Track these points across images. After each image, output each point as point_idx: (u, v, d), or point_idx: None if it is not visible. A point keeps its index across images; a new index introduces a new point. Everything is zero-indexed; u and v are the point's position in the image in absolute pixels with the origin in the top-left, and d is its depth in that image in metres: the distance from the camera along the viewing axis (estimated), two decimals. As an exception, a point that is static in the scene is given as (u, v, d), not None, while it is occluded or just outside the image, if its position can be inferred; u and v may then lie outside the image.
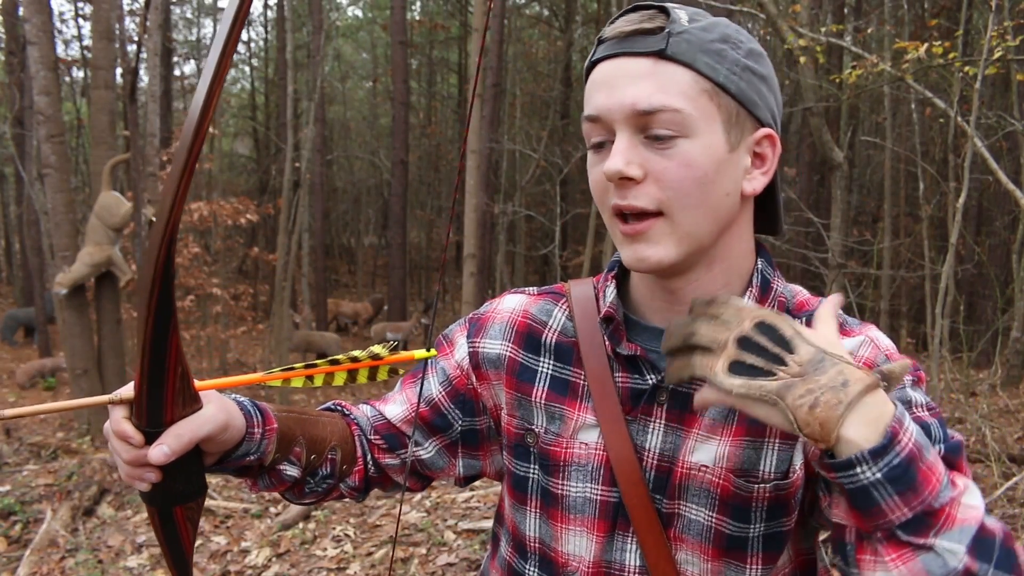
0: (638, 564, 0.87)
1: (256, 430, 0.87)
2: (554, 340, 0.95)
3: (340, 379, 0.88)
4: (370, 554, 3.94)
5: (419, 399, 1.00)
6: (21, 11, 8.70)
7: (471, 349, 0.99)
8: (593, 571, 0.90)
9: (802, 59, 5.50)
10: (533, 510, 0.94)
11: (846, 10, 11.62)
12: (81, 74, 17.75)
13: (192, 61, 21.59)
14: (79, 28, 19.86)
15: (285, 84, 13.41)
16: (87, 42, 16.87)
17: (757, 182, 0.86)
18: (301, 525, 4.37)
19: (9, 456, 6.72)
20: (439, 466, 1.03)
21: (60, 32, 17.72)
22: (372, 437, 1.02)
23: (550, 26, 18.12)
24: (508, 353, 0.96)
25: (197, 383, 0.79)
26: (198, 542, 4.26)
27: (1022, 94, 6.03)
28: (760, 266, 0.90)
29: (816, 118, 5.77)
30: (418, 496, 4.75)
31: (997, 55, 4.29)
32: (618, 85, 0.80)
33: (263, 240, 20.11)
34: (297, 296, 14.21)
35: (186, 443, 0.76)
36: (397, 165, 14.01)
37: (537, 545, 0.95)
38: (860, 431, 0.64)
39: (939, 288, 3.97)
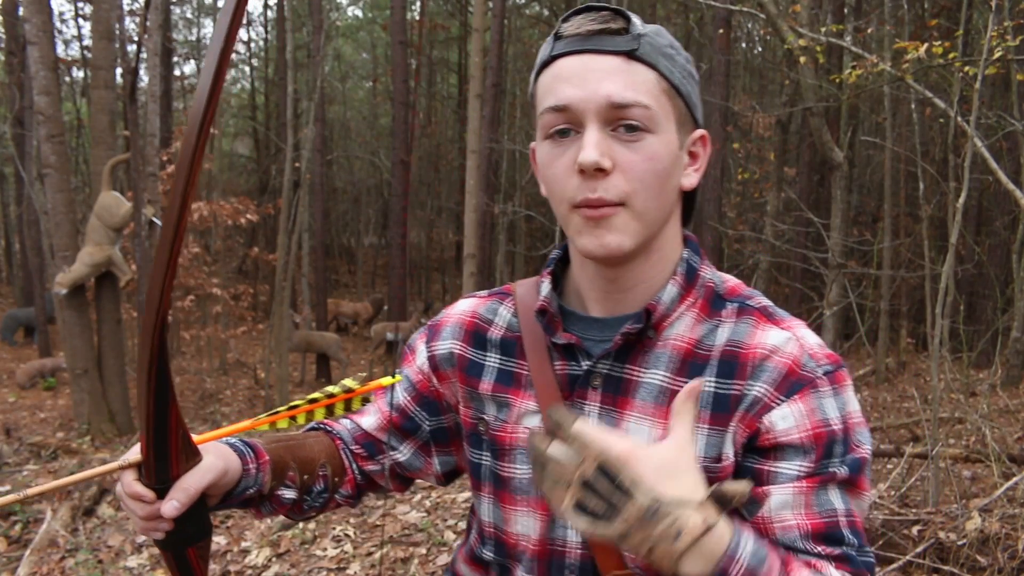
0: (579, 540, 0.93)
1: (251, 466, 0.95)
2: (500, 336, 1.02)
3: (320, 414, 0.99)
4: (370, 554, 3.94)
5: (390, 408, 1.08)
6: (21, 11, 8.70)
7: (429, 353, 1.06)
8: (539, 549, 0.95)
9: (802, 59, 5.50)
10: (487, 495, 1.00)
11: (846, 10, 11.62)
12: (81, 74, 17.75)
13: (192, 61, 21.59)
14: (79, 28, 19.88)
15: (285, 84, 13.41)
16: (87, 42, 16.87)
17: (692, 178, 0.94)
18: (301, 525, 4.37)
19: (9, 456, 6.72)
20: (416, 466, 1.10)
21: (60, 32, 17.72)
22: (354, 448, 1.11)
23: (550, 26, 18.12)
24: (458, 351, 1.03)
25: (195, 438, 0.88)
26: (198, 542, 4.27)
27: (1022, 94, 6.03)
28: (686, 256, 0.95)
29: (816, 118, 5.77)
30: (418, 496, 4.76)
31: (997, 55, 4.29)
32: (591, 79, 0.84)
33: (263, 240, 20.12)
34: (297, 296, 14.21)
35: (193, 494, 0.85)
36: (397, 165, 14.01)
37: (492, 530, 1.01)
38: (693, 568, 0.73)
39: (939, 288, 3.96)
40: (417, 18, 19.33)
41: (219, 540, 4.29)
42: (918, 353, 11.30)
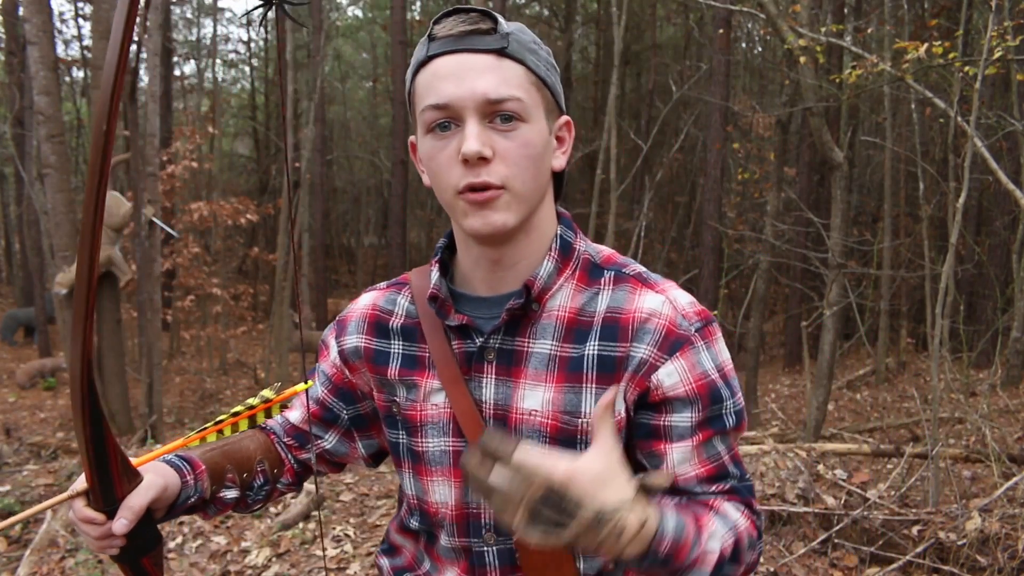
0: None
1: (188, 478, 1.04)
2: (400, 324, 1.09)
3: (244, 425, 1.11)
4: (370, 554, 3.94)
5: (307, 403, 1.20)
6: (21, 11, 8.70)
7: (339, 348, 1.14)
8: (456, 514, 1.04)
9: (802, 59, 5.50)
10: (407, 470, 1.09)
11: (846, 10, 11.62)
12: (81, 74, 17.74)
13: (192, 61, 21.58)
14: (79, 28, 19.83)
15: (285, 84, 13.38)
16: (87, 42, 16.86)
17: (560, 160, 1.02)
18: (301, 525, 4.37)
19: (9, 456, 6.72)
20: (343, 452, 1.20)
21: (60, 32, 17.70)
22: (286, 440, 1.21)
23: (550, 26, 18.13)
24: (363, 344, 1.11)
25: (133, 461, 0.98)
26: (198, 542, 4.27)
27: (1022, 94, 6.03)
28: (560, 231, 1.03)
29: (816, 118, 5.76)
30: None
31: (997, 55, 4.29)
32: (467, 77, 0.91)
33: (263, 240, 20.10)
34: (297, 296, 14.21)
35: (138, 511, 0.94)
36: (397, 165, 14.01)
37: (415, 502, 1.09)
38: (632, 551, 0.84)
39: (939, 288, 3.96)
40: (418, 18, 19.35)
41: (219, 540, 4.29)
42: (918, 353, 11.30)
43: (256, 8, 0.86)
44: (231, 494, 1.10)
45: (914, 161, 7.86)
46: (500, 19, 0.94)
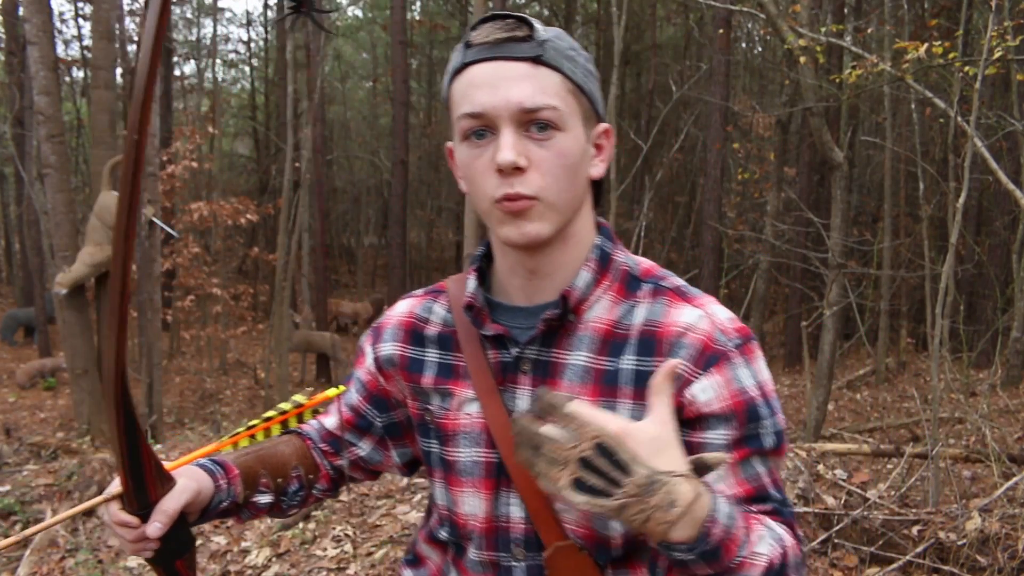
0: (522, 516, 0.99)
1: (221, 482, 1.04)
2: (436, 332, 1.08)
3: (276, 430, 1.13)
4: (370, 554, 3.94)
5: (341, 410, 1.19)
6: (21, 11, 8.70)
7: (374, 355, 1.14)
8: (486, 527, 1.02)
9: (802, 59, 5.50)
10: (439, 480, 1.07)
11: (846, 10, 11.62)
12: (81, 74, 17.75)
13: (192, 61, 21.59)
14: (79, 28, 19.86)
15: (285, 84, 13.40)
16: (87, 42, 16.87)
17: (599, 168, 1.01)
18: (301, 525, 4.37)
19: (9, 456, 6.72)
20: (377, 460, 1.19)
21: (60, 32, 17.70)
22: (322, 446, 1.21)
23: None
24: (398, 352, 1.10)
25: (167, 464, 1.00)
26: (198, 542, 4.27)
27: (1022, 94, 6.03)
28: (599, 242, 1.01)
29: (816, 118, 5.76)
30: (418, 496, 4.76)
31: (997, 55, 4.29)
32: (501, 86, 0.90)
33: (263, 240, 20.10)
34: (297, 296, 14.21)
35: (172, 515, 0.96)
36: (397, 165, 14.01)
37: (446, 512, 1.07)
38: (682, 534, 0.80)
39: (939, 288, 3.96)
40: (418, 18, 19.36)
41: (219, 540, 4.29)
42: (918, 353, 11.30)
43: (287, 15, 0.89)
44: (265, 499, 1.10)
45: (914, 161, 7.86)
46: (537, 25, 0.93)
